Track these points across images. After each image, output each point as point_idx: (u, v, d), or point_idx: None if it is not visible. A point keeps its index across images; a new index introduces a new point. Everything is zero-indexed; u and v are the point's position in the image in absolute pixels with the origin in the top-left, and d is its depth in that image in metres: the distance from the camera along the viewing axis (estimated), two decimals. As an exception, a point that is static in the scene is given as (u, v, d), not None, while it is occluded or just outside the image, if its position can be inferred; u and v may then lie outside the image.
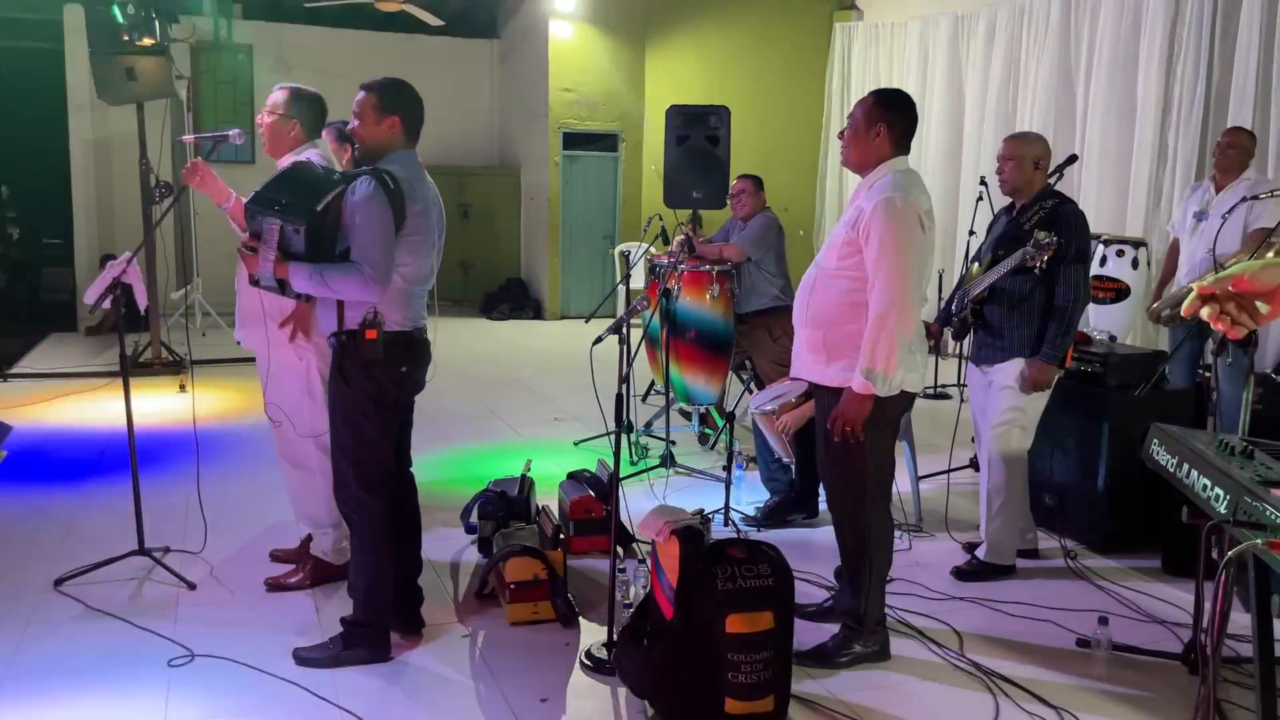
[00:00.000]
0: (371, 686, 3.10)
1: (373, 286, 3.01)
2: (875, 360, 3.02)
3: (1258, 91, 6.75)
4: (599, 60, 11.40)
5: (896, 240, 3.01)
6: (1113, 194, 7.93)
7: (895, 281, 3.00)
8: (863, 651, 3.29)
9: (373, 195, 2.99)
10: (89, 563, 3.89)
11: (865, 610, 3.28)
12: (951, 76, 9.84)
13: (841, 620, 3.36)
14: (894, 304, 3.00)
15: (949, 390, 7.69)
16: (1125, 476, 4.25)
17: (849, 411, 3.09)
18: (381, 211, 3.00)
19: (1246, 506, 2.06)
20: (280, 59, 11.51)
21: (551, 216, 11.58)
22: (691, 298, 5.53)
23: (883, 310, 3.01)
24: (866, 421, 3.09)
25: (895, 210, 3.02)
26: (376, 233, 3.00)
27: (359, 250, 3.01)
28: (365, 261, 3.00)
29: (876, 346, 3.01)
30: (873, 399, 3.06)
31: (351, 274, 3.00)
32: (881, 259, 3.01)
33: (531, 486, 4.33)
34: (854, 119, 3.20)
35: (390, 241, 3.03)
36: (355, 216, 3.02)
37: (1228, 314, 1.64)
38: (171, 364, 7.95)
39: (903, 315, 3.01)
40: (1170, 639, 3.51)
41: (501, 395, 7.48)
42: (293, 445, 3.81)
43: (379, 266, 3.01)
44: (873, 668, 3.28)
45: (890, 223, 3.01)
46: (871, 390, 3.04)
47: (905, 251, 3.01)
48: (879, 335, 3.01)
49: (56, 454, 5.64)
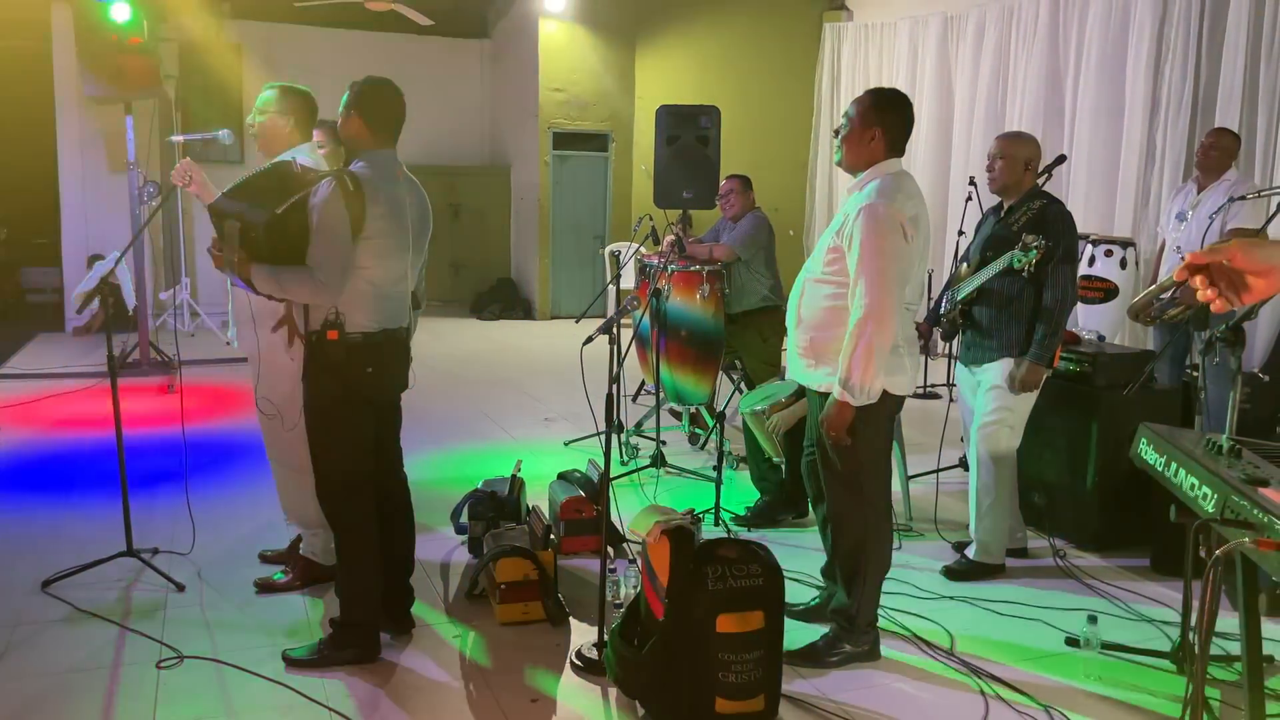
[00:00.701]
0: (361, 688, 3.09)
1: (323, 289, 3.01)
2: (852, 370, 3.02)
3: (1244, 92, 6.78)
4: (589, 60, 11.39)
5: (877, 248, 3.01)
6: (1101, 194, 7.97)
7: (873, 290, 3.00)
8: (853, 651, 3.30)
9: (328, 198, 2.99)
10: (77, 564, 3.87)
11: (858, 611, 3.29)
12: (941, 77, 9.87)
13: (833, 619, 3.37)
14: (871, 313, 3.00)
15: (938, 390, 7.71)
16: (1114, 476, 4.27)
17: (832, 418, 3.11)
18: (335, 214, 2.99)
19: (1234, 505, 2.07)
20: (269, 58, 11.47)
21: (542, 216, 11.57)
22: (682, 298, 5.53)
23: (861, 318, 3.01)
24: (856, 424, 3.10)
25: (877, 218, 3.02)
26: (328, 237, 3.00)
27: (311, 254, 3.02)
28: (316, 264, 3.00)
29: (854, 356, 3.02)
30: (853, 409, 3.07)
31: (303, 276, 3.01)
32: (861, 266, 3.02)
33: (522, 487, 4.33)
34: (849, 119, 3.19)
35: (343, 244, 3.02)
36: (313, 219, 3.02)
37: (1217, 285, 1.64)
38: (160, 364, 7.92)
39: (880, 324, 3.00)
40: (1159, 637, 3.52)
41: (492, 395, 7.47)
42: (282, 445, 3.80)
43: (329, 269, 3.00)
44: (863, 667, 3.28)
45: (871, 230, 3.01)
46: (848, 399, 3.05)
47: (885, 260, 3.01)
48: (856, 344, 3.02)
49: (44, 455, 5.61)
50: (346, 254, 3.03)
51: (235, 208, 3.09)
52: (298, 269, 3.03)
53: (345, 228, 3.01)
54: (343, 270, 3.03)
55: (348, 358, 3.10)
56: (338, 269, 3.02)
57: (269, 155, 3.71)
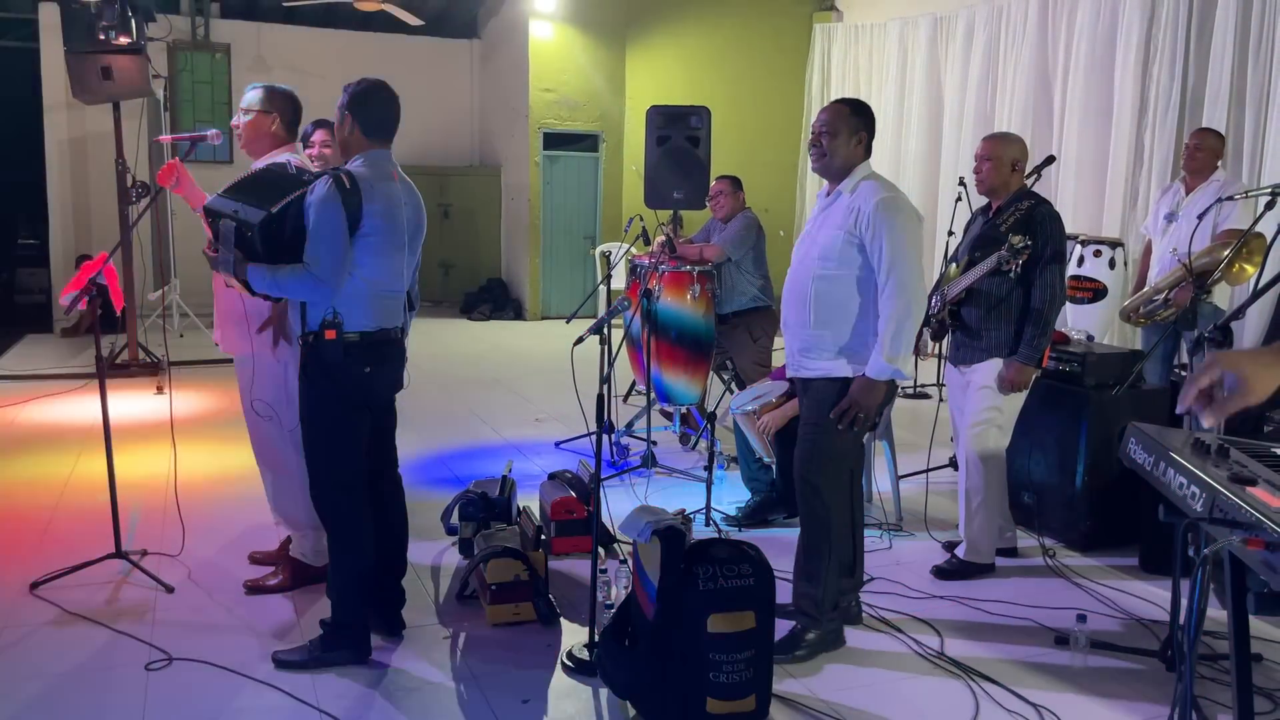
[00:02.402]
0: (352, 689, 3.08)
1: (321, 287, 3.01)
2: (898, 347, 3.17)
3: (1232, 93, 6.82)
4: (579, 60, 11.39)
5: (907, 235, 3.18)
6: (1090, 194, 8.00)
7: (911, 273, 3.17)
8: (817, 639, 3.35)
9: (326, 196, 3.00)
10: (65, 566, 3.85)
11: (823, 596, 3.34)
12: (930, 77, 9.90)
13: (799, 609, 3.38)
14: (913, 295, 3.16)
15: (928, 390, 7.73)
16: (1103, 475, 4.29)
17: (864, 398, 3.23)
18: (332, 212, 2.99)
19: (1222, 504, 2.08)
20: (258, 58, 11.44)
21: (532, 217, 11.56)
22: (672, 298, 5.54)
23: (905, 300, 3.15)
24: None
25: (899, 207, 3.21)
26: (325, 233, 3.00)
27: (308, 251, 3.02)
28: (313, 262, 3.00)
29: (898, 337, 3.16)
30: (885, 385, 3.23)
31: (301, 275, 3.01)
32: (894, 253, 3.16)
33: (513, 488, 4.32)
34: (833, 126, 3.29)
35: (341, 242, 3.02)
36: (310, 217, 3.02)
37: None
38: (148, 365, 7.89)
39: (919, 304, 3.20)
40: (1148, 636, 3.54)
41: (482, 396, 7.46)
42: (271, 447, 3.78)
43: (327, 267, 3.00)
44: (852, 666, 3.29)
45: (896, 220, 3.18)
46: (890, 375, 3.20)
47: (912, 246, 3.20)
48: (904, 325, 3.16)
49: (32, 456, 5.58)
50: (344, 252, 3.03)
51: (229, 207, 3.08)
52: (294, 267, 3.02)
53: (342, 225, 3.01)
54: (340, 268, 3.03)
55: (345, 357, 3.10)
56: (335, 267, 3.01)
57: (253, 155, 3.69)
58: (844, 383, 3.27)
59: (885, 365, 3.18)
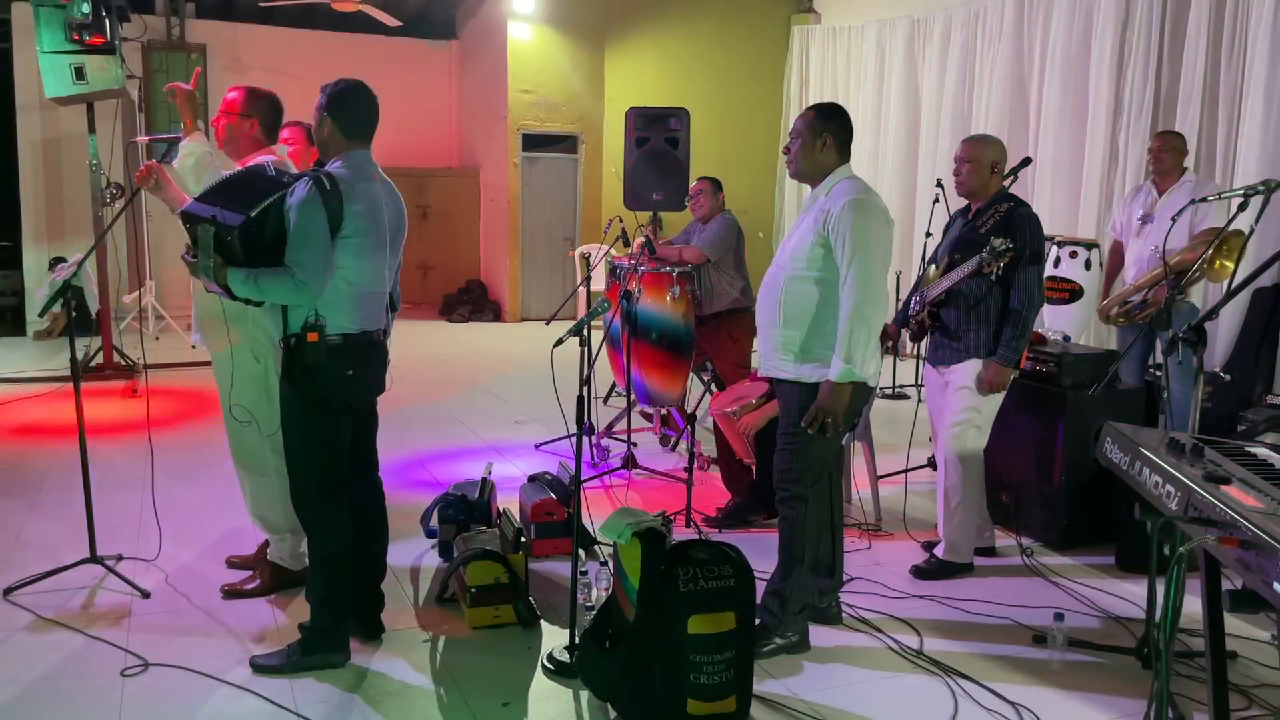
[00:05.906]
0: (331, 693, 3.06)
1: (303, 289, 2.98)
2: (854, 350, 3.15)
3: (1205, 94, 6.90)
4: (558, 62, 11.38)
5: (869, 237, 3.17)
6: (1065, 196, 8.06)
7: (868, 275, 3.15)
8: (782, 644, 3.35)
9: (306, 198, 2.98)
10: (40, 571, 3.81)
11: (790, 594, 3.34)
12: (908, 79, 9.94)
13: (763, 606, 3.37)
14: (869, 295, 3.15)
15: (907, 390, 7.77)
16: (1080, 474, 4.32)
17: (829, 403, 3.20)
18: (313, 214, 2.98)
19: (1197, 502, 2.10)
20: (235, 59, 11.35)
21: (511, 218, 11.54)
22: (652, 300, 5.54)
23: (859, 300, 3.14)
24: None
25: (865, 209, 3.20)
26: (307, 236, 2.98)
27: (289, 252, 3.00)
28: (295, 263, 2.98)
29: (855, 336, 3.15)
30: (850, 388, 3.19)
31: (282, 277, 2.98)
32: (855, 254, 3.16)
33: (492, 490, 4.31)
34: (799, 132, 3.35)
35: (323, 244, 3.00)
36: (290, 219, 3.00)
37: None
38: (124, 368, 7.82)
39: (876, 306, 3.18)
40: (1125, 634, 3.57)
41: (461, 398, 7.44)
42: (248, 450, 3.76)
43: (309, 269, 2.98)
44: (832, 665, 3.30)
45: (862, 220, 3.18)
46: (853, 378, 3.17)
47: (875, 248, 3.19)
48: (857, 325, 3.15)
49: (5, 460, 5.52)
50: (326, 253, 3.01)
51: (208, 212, 3.05)
52: (276, 270, 3.00)
53: (324, 227, 2.99)
54: (323, 270, 3.01)
55: (328, 360, 3.08)
56: (318, 269, 2.99)
57: (232, 156, 3.67)
58: (813, 388, 3.27)
59: (843, 367, 3.16)
